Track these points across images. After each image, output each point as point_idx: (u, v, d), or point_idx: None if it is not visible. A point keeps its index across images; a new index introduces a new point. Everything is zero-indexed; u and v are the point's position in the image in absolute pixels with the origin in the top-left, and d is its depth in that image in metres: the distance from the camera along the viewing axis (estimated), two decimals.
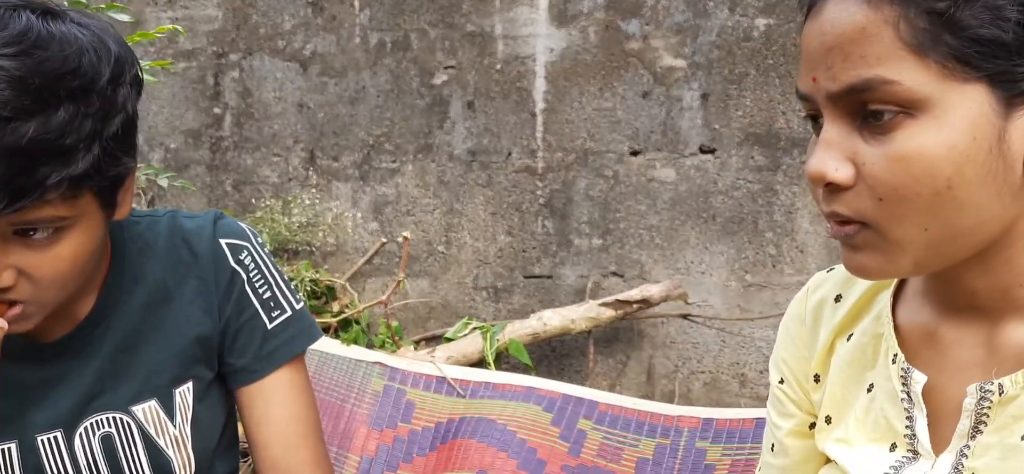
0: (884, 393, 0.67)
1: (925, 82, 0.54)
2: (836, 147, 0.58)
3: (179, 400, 0.91)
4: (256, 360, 0.93)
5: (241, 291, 0.92)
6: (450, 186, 2.38)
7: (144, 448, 0.90)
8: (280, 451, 0.94)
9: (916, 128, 0.55)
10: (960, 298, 0.63)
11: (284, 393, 0.94)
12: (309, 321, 0.97)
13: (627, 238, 2.33)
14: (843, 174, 0.57)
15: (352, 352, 1.72)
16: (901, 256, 0.58)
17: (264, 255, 0.96)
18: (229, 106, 2.44)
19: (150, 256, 0.90)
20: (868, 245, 0.59)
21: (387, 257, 2.40)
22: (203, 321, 0.91)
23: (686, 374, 2.34)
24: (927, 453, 0.64)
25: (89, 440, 0.89)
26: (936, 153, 0.55)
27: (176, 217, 0.93)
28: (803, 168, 2.55)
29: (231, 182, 2.46)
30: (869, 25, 0.55)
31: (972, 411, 0.61)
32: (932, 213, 0.56)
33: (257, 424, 0.94)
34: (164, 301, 0.90)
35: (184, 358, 0.91)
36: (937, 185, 0.55)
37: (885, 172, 0.56)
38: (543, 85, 2.33)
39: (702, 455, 1.36)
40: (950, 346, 0.64)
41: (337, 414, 1.63)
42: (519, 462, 1.41)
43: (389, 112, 2.38)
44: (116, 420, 0.89)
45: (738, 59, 2.26)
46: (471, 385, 1.59)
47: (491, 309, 2.38)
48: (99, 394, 0.89)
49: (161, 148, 2.45)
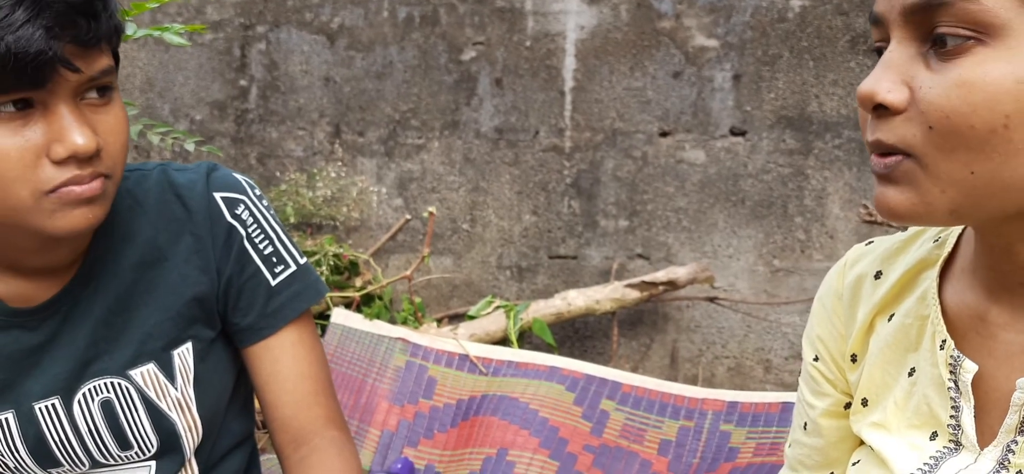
0: (928, 379, 0.63)
1: (1007, 6, 0.51)
2: (895, 69, 0.54)
3: (178, 362, 0.88)
4: (261, 318, 0.90)
5: (240, 248, 0.89)
6: (476, 164, 2.36)
7: (146, 412, 0.88)
8: (291, 410, 0.91)
9: (985, 55, 0.51)
10: (1013, 275, 0.59)
11: (293, 350, 0.91)
12: (314, 276, 0.94)
13: (654, 220, 2.30)
14: (896, 96, 0.54)
15: (374, 327, 1.72)
16: (939, 196, 0.53)
17: (262, 208, 0.92)
18: (255, 78, 2.44)
19: (140, 213, 0.87)
20: (906, 179, 0.54)
21: (411, 234, 2.39)
22: (200, 280, 0.88)
23: (710, 359, 2.31)
24: (972, 446, 0.60)
25: (88, 406, 0.87)
26: (1001, 85, 0.51)
27: (166, 170, 0.90)
28: (835, 151, 2.50)
29: (256, 155, 2.46)
30: None
31: (1021, 406, 0.57)
32: (983, 152, 0.52)
33: (266, 383, 0.91)
34: (157, 261, 0.87)
35: (181, 319, 0.88)
36: (994, 120, 0.51)
37: (941, 97, 0.52)
38: (573, 63, 2.30)
39: (727, 438, 1.34)
40: (1001, 330, 0.60)
41: (358, 388, 1.63)
42: (541, 440, 1.40)
43: (416, 87, 2.37)
44: (114, 385, 0.87)
45: (772, 40, 2.22)
46: (494, 363, 1.58)
47: (515, 289, 2.37)
48: (94, 359, 0.86)
49: (186, 119, 2.46)
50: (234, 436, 0.97)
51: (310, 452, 0.90)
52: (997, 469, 0.59)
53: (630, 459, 1.38)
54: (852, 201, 2.20)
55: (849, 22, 2.18)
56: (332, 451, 0.90)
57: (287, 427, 0.91)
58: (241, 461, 0.99)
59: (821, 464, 0.74)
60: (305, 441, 0.91)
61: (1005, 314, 0.60)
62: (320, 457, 0.90)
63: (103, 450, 0.88)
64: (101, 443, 0.87)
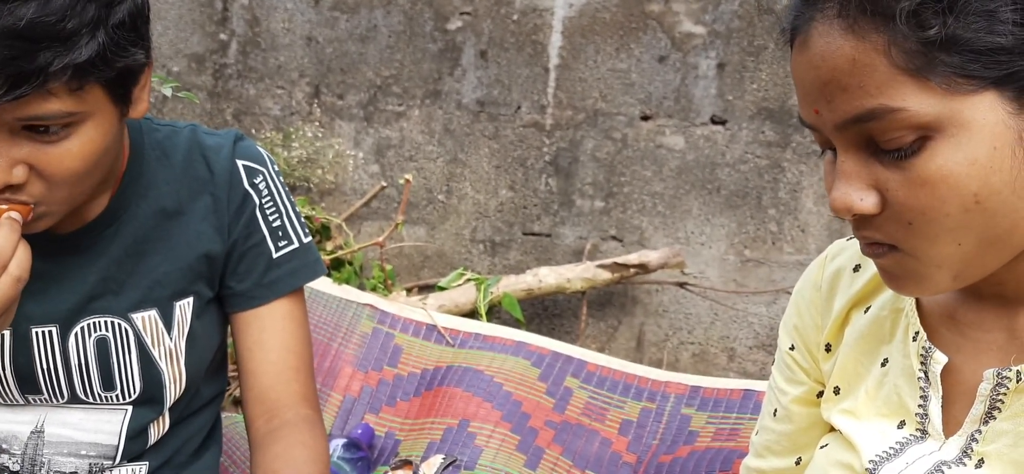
0: (899, 369, 0.66)
1: (931, 104, 0.52)
2: (856, 177, 0.56)
3: (178, 314, 0.91)
4: (257, 287, 0.93)
5: (251, 215, 0.92)
6: (455, 135, 2.35)
7: (138, 357, 0.89)
8: (270, 381, 0.93)
9: (933, 149, 0.53)
10: (985, 286, 0.61)
11: (281, 324, 0.94)
12: (315, 255, 0.97)
13: (630, 203, 2.30)
14: (869, 203, 0.56)
15: (343, 292, 1.70)
16: (938, 274, 0.56)
17: (279, 184, 0.96)
18: (236, 33, 2.40)
19: (167, 165, 0.90)
20: (901, 268, 0.57)
21: (385, 201, 2.38)
22: (213, 239, 0.91)
23: (676, 344, 2.33)
24: (937, 434, 0.63)
25: (83, 341, 0.88)
26: (958, 171, 0.53)
27: (197, 131, 0.93)
28: (812, 146, 2.51)
29: (232, 111, 2.43)
30: (859, 55, 0.53)
31: (987, 396, 0.60)
32: (964, 229, 0.54)
33: (250, 351, 0.93)
34: (176, 213, 0.90)
35: (189, 273, 0.91)
36: (965, 202, 0.53)
37: (910, 197, 0.54)
38: (559, 40, 2.29)
39: (687, 421, 1.35)
40: (970, 328, 0.63)
41: (323, 352, 1.62)
42: (503, 414, 1.40)
43: (400, 54, 2.34)
44: (113, 324, 0.89)
45: (758, 31, 2.22)
46: (461, 335, 1.57)
47: (487, 263, 2.36)
48: (100, 296, 0.88)
49: (163, 70, 2.41)
50: (204, 397, 0.99)
51: (281, 425, 0.92)
52: (960, 457, 0.60)
53: (590, 437, 1.38)
54: (825, 197, 2.21)
55: None
56: (304, 428, 0.92)
57: (263, 398, 0.93)
58: (207, 420, 1.01)
59: (789, 450, 0.76)
60: (278, 414, 0.93)
61: (974, 314, 0.63)
62: (290, 431, 0.91)
63: (86, 387, 0.89)
64: (87, 379, 0.89)
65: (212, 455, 1.02)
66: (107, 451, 0.92)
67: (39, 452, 0.90)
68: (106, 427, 0.91)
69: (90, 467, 0.92)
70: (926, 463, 0.62)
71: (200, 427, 0.99)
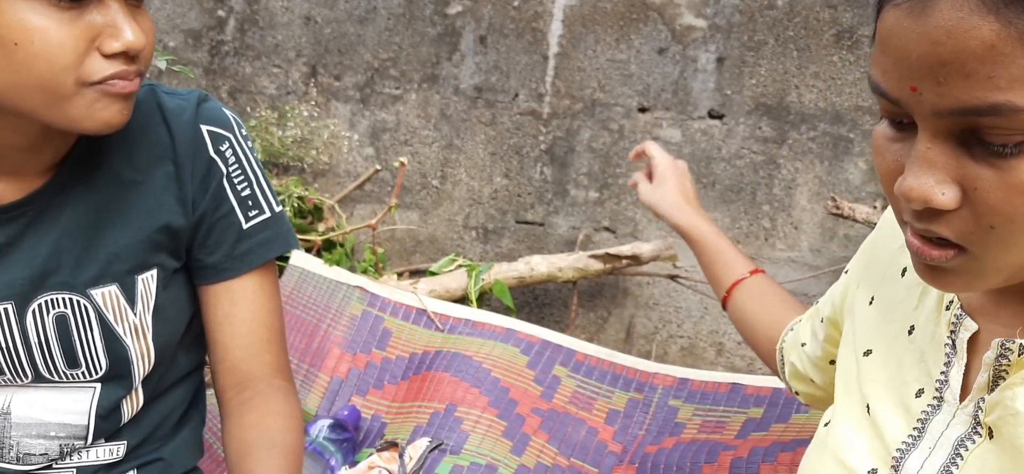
0: (927, 336, 0.65)
1: None
2: (940, 168, 0.50)
3: (141, 287, 0.87)
4: (227, 259, 0.89)
5: (219, 185, 0.87)
6: (452, 121, 2.34)
7: (101, 333, 0.86)
8: (241, 354, 0.90)
9: None
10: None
11: (252, 296, 0.91)
12: (286, 226, 0.93)
13: (624, 194, 2.29)
14: (950, 198, 0.50)
15: (333, 273, 1.69)
16: (995, 278, 0.54)
17: (247, 149, 0.91)
18: (234, 10, 2.39)
19: (123, 130, 0.83)
20: (957, 270, 0.54)
21: (379, 185, 2.37)
22: (174, 210, 0.86)
23: (665, 336, 2.32)
24: (953, 400, 0.62)
25: (42, 318, 0.84)
26: None
27: (156, 91, 0.87)
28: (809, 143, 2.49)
29: (227, 89, 2.41)
30: (999, 42, 0.46)
31: (991, 365, 0.58)
32: None
33: (220, 324, 0.90)
34: (133, 183, 0.85)
35: (150, 245, 0.86)
36: None
37: (1003, 201, 0.49)
38: (559, 28, 2.28)
39: (674, 413, 1.34)
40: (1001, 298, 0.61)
41: (311, 332, 1.61)
42: (491, 400, 1.39)
43: (398, 36, 2.33)
44: (72, 301, 0.85)
45: (759, 26, 2.21)
46: (451, 320, 1.57)
47: (479, 250, 2.35)
48: (55, 270, 0.84)
49: (159, 45, 2.40)
50: (182, 369, 0.96)
51: (254, 395, 0.90)
52: (971, 432, 0.59)
53: (577, 425, 1.38)
54: (820, 194, 2.21)
55: (836, 16, 2.17)
56: (278, 397, 0.90)
57: (234, 370, 0.91)
58: (186, 393, 0.98)
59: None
60: (249, 386, 0.90)
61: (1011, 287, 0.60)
62: (263, 400, 0.89)
63: (50, 365, 0.86)
64: (49, 358, 0.85)
65: (194, 426, 0.99)
66: (77, 432, 0.88)
67: (6, 434, 0.86)
68: (74, 406, 0.87)
69: (61, 448, 0.88)
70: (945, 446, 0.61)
71: (180, 400, 0.96)
